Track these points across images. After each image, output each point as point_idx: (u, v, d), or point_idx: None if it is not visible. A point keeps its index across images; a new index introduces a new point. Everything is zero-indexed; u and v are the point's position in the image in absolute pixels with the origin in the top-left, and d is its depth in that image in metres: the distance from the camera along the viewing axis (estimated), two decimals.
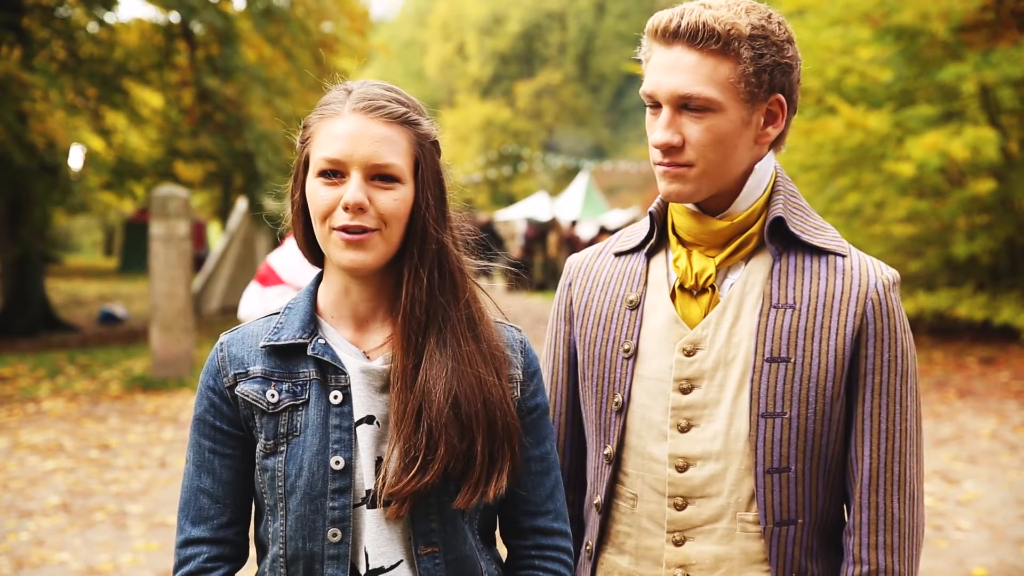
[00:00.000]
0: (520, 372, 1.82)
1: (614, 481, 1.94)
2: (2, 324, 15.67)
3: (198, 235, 24.81)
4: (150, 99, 18.61)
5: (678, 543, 1.87)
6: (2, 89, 12.53)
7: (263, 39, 17.44)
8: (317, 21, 18.98)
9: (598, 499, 1.96)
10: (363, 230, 1.69)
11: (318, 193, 1.70)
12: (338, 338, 1.78)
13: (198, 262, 19.01)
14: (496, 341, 1.79)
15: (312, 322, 1.77)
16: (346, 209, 1.68)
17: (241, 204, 18.33)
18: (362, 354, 1.77)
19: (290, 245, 5.61)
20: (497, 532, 1.90)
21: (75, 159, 14.63)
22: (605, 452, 1.94)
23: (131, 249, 28.27)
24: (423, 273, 1.73)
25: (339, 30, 19.95)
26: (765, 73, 1.78)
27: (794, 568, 1.84)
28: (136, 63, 16.37)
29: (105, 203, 21.23)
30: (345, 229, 1.68)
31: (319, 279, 1.84)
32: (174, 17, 16.46)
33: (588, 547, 1.99)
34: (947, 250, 12.77)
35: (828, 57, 12.28)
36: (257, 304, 5.57)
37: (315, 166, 1.71)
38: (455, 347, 1.73)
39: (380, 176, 1.70)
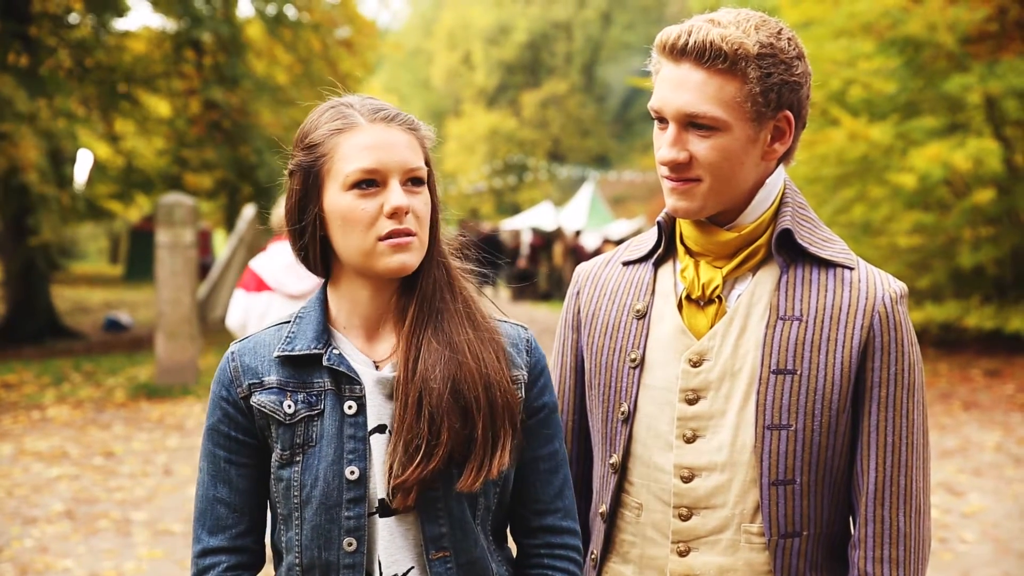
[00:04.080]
0: (525, 372, 1.83)
1: (619, 490, 1.94)
2: (7, 331, 15.69)
3: (203, 243, 24.86)
4: (158, 106, 18.64)
5: (683, 553, 1.86)
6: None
7: (275, 44, 17.46)
8: (328, 29, 19.04)
9: (603, 508, 1.96)
10: (409, 233, 1.72)
11: (358, 206, 1.71)
12: (350, 348, 1.78)
13: (203, 270, 19.01)
14: (493, 329, 1.82)
15: (325, 332, 1.78)
16: (392, 216, 1.70)
17: (247, 211, 18.35)
18: (372, 363, 1.78)
19: (273, 251, 5.56)
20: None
21: (80, 172, 14.61)
22: (611, 461, 1.94)
23: (136, 257, 28.35)
24: (433, 270, 1.78)
25: (350, 37, 20.01)
26: (772, 92, 1.78)
27: None
28: (144, 70, 16.40)
29: (112, 212, 21.16)
30: (392, 235, 1.71)
31: (326, 288, 1.84)
32: (181, 25, 16.52)
33: (593, 556, 1.99)
34: (953, 262, 12.76)
35: (832, 69, 12.28)
36: (242, 312, 5.51)
37: (347, 179, 1.71)
38: (451, 335, 1.76)
39: (412, 180, 1.74)
